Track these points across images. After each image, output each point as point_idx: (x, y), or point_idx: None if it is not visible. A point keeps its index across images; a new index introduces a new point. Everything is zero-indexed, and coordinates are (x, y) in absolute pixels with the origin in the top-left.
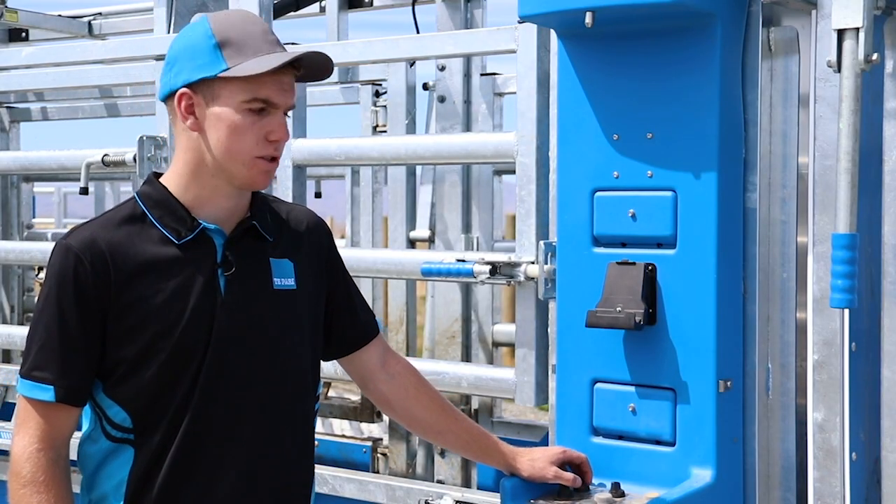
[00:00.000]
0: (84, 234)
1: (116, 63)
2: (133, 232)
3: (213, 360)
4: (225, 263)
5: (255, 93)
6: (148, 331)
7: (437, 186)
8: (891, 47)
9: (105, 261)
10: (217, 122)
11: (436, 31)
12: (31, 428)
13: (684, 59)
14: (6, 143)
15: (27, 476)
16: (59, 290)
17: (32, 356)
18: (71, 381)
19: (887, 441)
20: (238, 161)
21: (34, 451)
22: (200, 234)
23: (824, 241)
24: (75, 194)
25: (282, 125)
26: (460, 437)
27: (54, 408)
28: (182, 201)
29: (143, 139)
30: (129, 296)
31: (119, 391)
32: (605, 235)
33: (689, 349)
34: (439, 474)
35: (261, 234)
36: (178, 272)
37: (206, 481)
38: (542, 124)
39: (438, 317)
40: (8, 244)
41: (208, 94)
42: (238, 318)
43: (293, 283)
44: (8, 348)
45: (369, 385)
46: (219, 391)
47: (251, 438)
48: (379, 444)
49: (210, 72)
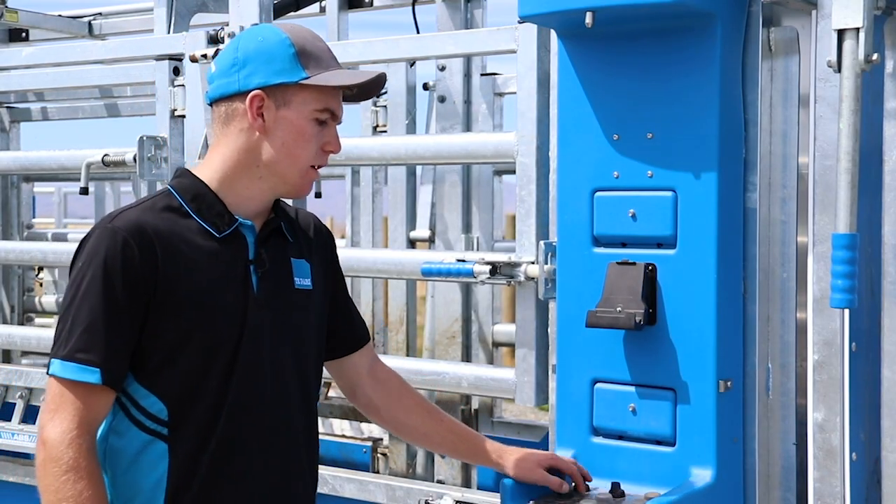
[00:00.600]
0: (130, 218)
1: (116, 63)
2: (174, 222)
3: (248, 356)
4: (258, 261)
5: (327, 103)
6: (185, 321)
7: (437, 186)
8: (891, 47)
9: (152, 246)
10: (286, 126)
11: (436, 31)
12: (69, 412)
13: (684, 59)
14: (6, 143)
15: (69, 462)
16: (106, 272)
17: (76, 338)
18: (116, 363)
19: (887, 441)
20: (296, 167)
21: (74, 437)
22: (235, 230)
23: (824, 241)
24: (75, 194)
25: (337, 138)
26: (446, 438)
27: (97, 391)
28: (221, 196)
29: (143, 139)
30: (170, 284)
31: (156, 381)
32: (605, 235)
33: (689, 349)
34: (439, 474)
35: (284, 235)
36: (216, 265)
37: (242, 477)
38: (542, 124)
39: (438, 317)
40: (8, 244)
41: (280, 98)
42: (266, 314)
43: (310, 284)
44: (8, 348)
45: (357, 390)
46: (252, 387)
47: (278, 434)
48: (379, 444)
49: (290, 78)
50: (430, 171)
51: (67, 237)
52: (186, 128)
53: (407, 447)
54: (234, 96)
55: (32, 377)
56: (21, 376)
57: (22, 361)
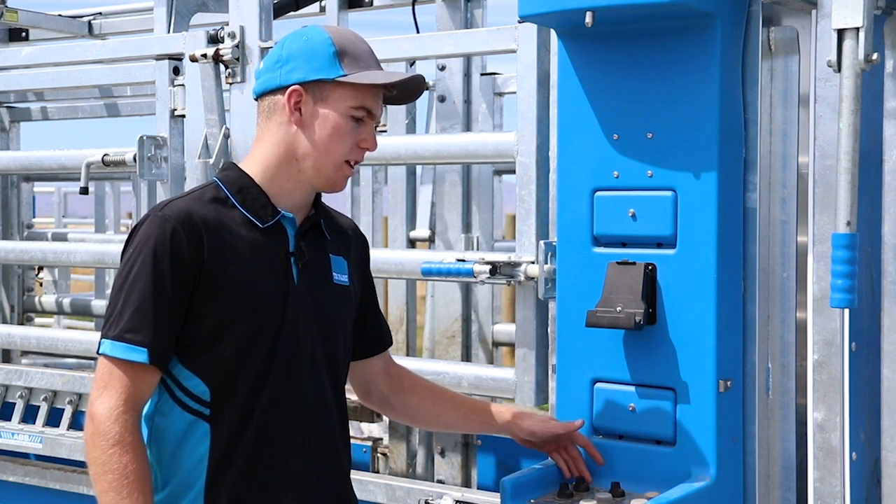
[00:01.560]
0: (180, 207)
1: (116, 63)
2: (219, 212)
3: (287, 343)
4: (298, 253)
5: (363, 101)
6: (227, 307)
7: (437, 186)
8: (891, 47)
9: (200, 234)
10: (323, 121)
11: (436, 31)
12: (117, 390)
13: (684, 59)
14: (6, 143)
15: (115, 437)
16: (156, 258)
17: (127, 319)
18: (162, 344)
19: (887, 441)
20: (330, 161)
21: (121, 413)
22: (277, 221)
23: (824, 240)
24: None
25: (374, 136)
26: (458, 413)
27: (144, 370)
28: (266, 190)
29: (143, 139)
30: (215, 271)
31: (199, 363)
32: (605, 235)
33: (689, 349)
34: (439, 474)
35: (322, 231)
36: (258, 255)
37: (280, 461)
38: (542, 124)
39: (438, 317)
40: (8, 244)
41: (318, 94)
42: (307, 304)
43: (347, 280)
44: (8, 348)
45: (371, 388)
46: (291, 374)
47: (311, 421)
48: (379, 444)
49: (328, 74)
50: (430, 171)
51: (67, 237)
52: (186, 128)
53: (407, 447)
54: (276, 91)
55: (32, 377)
56: (21, 376)
57: (22, 361)
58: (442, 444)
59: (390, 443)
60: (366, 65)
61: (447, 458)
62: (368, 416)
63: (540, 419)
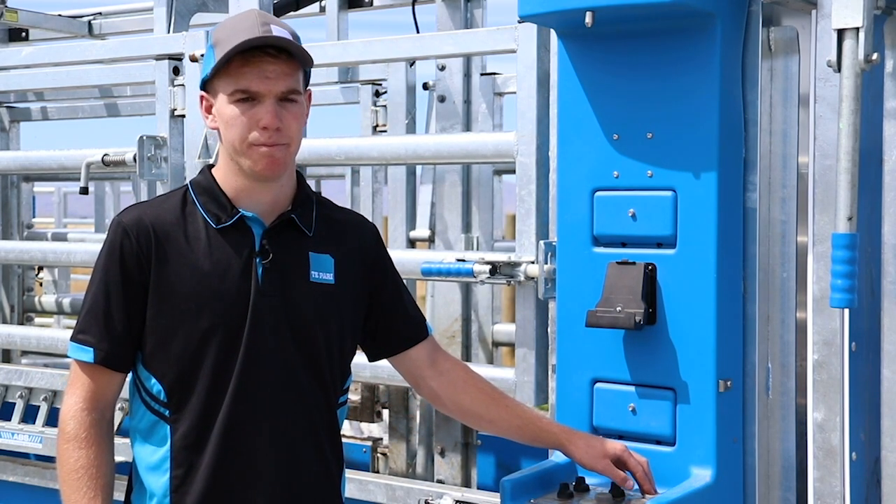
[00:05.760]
0: (134, 212)
1: (116, 63)
2: (180, 214)
3: (250, 344)
4: (262, 252)
5: (237, 84)
6: (179, 305)
7: (437, 186)
8: (891, 47)
9: (149, 236)
10: (220, 116)
11: (436, 31)
12: (77, 388)
13: (684, 59)
14: (6, 143)
15: (70, 433)
16: (107, 261)
17: (80, 321)
18: (111, 345)
19: (887, 441)
20: (238, 151)
21: (78, 410)
22: (240, 222)
23: (824, 240)
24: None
25: (269, 112)
26: (512, 423)
27: (96, 370)
28: (225, 191)
29: (143, 139)
30: (166, 270)
31: (154, 363)
32: (605, 235)
33: (689, 349)
34: (439, 474)
35: (300, 228)
36: (214, 254)
37: (247, 467)
38: (542, 124)
39: (438, 317)
40: (8, 244)
41: (212, 93)
42: (273, 304)
43: (331, 278)
44: (8, 348)
45: (420, 383)
46: (257, 374)
47: (285, 426)
48: (379, 444)
49: (205, 72)
50: (430, 171)
51: (67, 237)
52: (186, 127)
53: (407, 447)
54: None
55: (32, 377)
56: (21, 376)
57: (22, 361)
58: (442, 445)
59: (390, 443)
60: (233, 46)
61: (447, 458)
62: (368, 416)
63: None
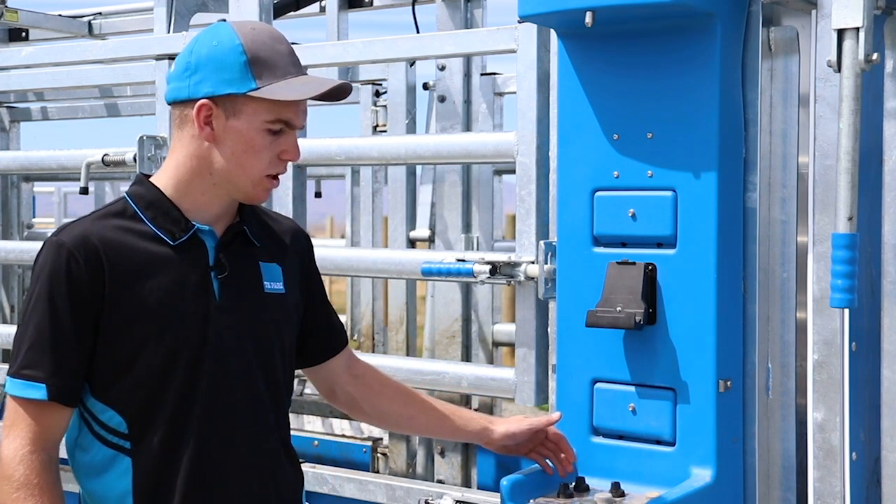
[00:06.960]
0: (76, 231)
1: (116, 63)
2: (125, 230)
3: (214, 363)
4: (218, 266)
5: (279, 114)
6: (140, 330)
7: (437, 186)
8: (891, 47)
9: (98, 257)
10: (236, 136)
11: (436, 31)
12: (22, 429)
13: (684, 59)
14: (6, 143)
15: (21, 479)
16: (52, 288)
17: (23, 355)
18: (64, 379)
19: (887, 441)
20: (247, 177)
21: (27, 454)
22: (192, 236)
23: (824, 240)
24: (75, 194)
25: (295, 146)
26: (431, 418)
27: (46, 407)
28: (178, 203)
29: (143, 139)
30: (121, 294)
31: (112, 394)
32: (605, 235)
33: (689, 349)
34: (439, 474)
35: (249, 239)
36: (171, 272)
37: (219, 487)
38: (542, 124)
39: (438, 317)
40: (8, 244)
41: (230, 108)
42: (232, 319)
43: (282, 287)
44: (8, 348)
45: (336, 389)
46: (223, 395)
47: (252, 442)
48: (379, 444)
49: (239, 89)
50: (430, 171)
51: None
52: None
53: (407, 447)
54: (186, 103)
55: None
56: None
57: None
58: (442, 444)
59: (390, 443)
60: (282, 72)
61: (447, 458)
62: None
63: (515, 420)
